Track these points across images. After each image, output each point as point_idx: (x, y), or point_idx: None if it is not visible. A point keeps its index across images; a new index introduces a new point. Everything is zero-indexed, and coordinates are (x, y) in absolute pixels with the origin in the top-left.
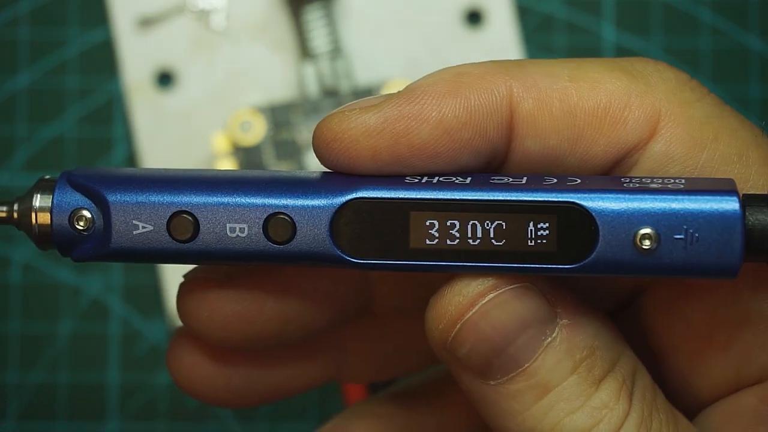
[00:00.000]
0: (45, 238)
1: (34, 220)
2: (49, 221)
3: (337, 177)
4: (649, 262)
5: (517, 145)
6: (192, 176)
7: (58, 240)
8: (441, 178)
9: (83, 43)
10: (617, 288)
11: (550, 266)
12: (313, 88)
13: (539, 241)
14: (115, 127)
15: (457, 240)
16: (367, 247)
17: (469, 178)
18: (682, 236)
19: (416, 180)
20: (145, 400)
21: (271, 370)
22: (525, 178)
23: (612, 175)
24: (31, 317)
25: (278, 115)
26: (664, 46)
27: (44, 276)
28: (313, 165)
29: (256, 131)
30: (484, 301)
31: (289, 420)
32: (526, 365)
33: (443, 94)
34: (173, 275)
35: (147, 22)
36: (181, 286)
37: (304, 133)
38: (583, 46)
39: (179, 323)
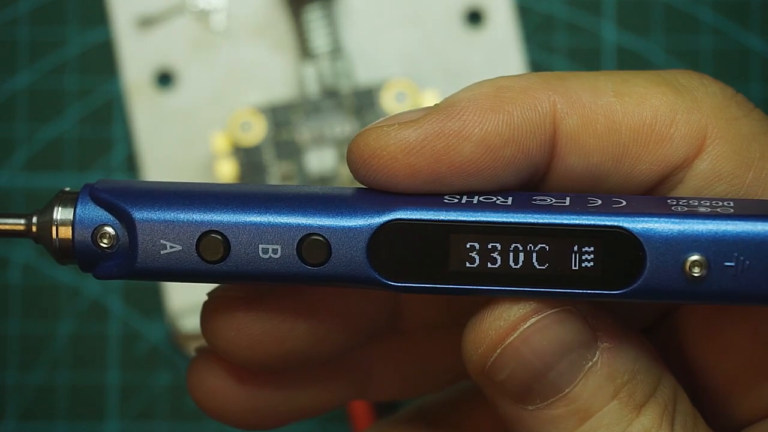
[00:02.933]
0: (66, 253)
1: (54, 235)
2: (70, 237)
3: (374, 195)
4: (698, 290)
5: (559, 162)
6: (222, 192)
7: (80, 257)
8: (481, 198)
9: (83, 43)
10: (654, 306)
11: (594, 292)
12: (313, 88)
13: (583, 265)
14: (115, 127)
15: (499, 263)
16: (405, 269)
17: (510, 198)
18: (732, 263)
19: (455, 200)
20: (145, 400)
21: (297, 390)
22: (568, 199)
23: (656, 194)
24: (31, 317)
25: (278, 115)
26: (665, 46)
27: (44, 276)
28: (314, 165)
29: (257, 131)
30: (525, 326)
31: None
32: (566, 390)
33: (485, 110)
34: None
35: (147, 22)
36: (206, 304)
37: (305, 134)
38: (583, 46)
39: (179, 324)
